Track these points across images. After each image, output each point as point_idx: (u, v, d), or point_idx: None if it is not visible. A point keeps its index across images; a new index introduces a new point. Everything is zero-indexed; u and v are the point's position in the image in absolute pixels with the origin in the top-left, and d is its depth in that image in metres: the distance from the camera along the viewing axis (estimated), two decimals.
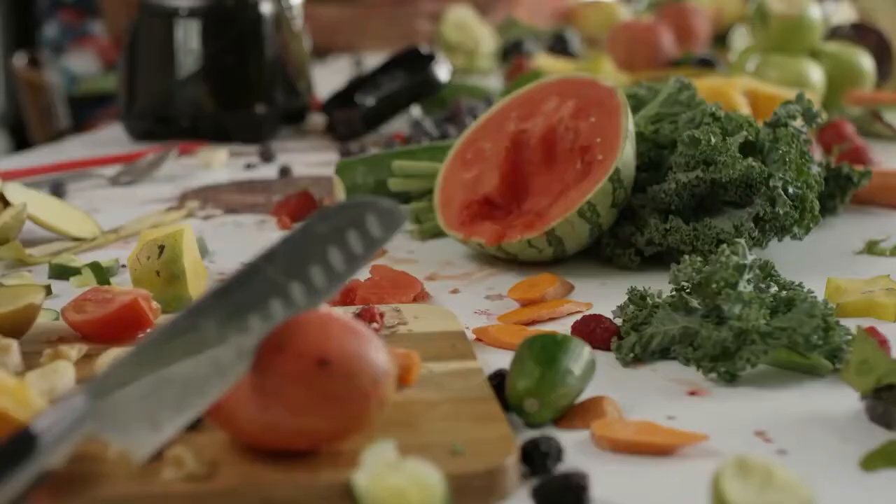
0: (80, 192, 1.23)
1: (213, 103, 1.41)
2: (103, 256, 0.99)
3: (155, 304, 0.78)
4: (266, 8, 1.42)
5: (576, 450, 0.63)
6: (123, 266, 0.97)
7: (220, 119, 1.42)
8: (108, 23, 1.95)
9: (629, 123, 0.95)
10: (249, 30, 1.41)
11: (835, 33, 1.58)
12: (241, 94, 1.42)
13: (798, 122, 1.00)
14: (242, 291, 0.59)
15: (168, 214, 1.12)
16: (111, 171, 1.29)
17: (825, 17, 1.61)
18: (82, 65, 1.98)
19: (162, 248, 0.87)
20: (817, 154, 1.18)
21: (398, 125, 1.46)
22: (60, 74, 1.95)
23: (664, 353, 0.76)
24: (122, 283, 0.92)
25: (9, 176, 1.23)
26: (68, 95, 1.97)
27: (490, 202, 0.97)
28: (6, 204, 1.00)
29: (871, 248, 0.99)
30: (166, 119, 1.43)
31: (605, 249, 0.95)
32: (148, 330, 0.76)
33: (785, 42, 1.44)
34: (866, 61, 1.49)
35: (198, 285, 0.88)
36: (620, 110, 0.95)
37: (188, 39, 1.40)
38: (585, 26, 2.03)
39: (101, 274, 0.93)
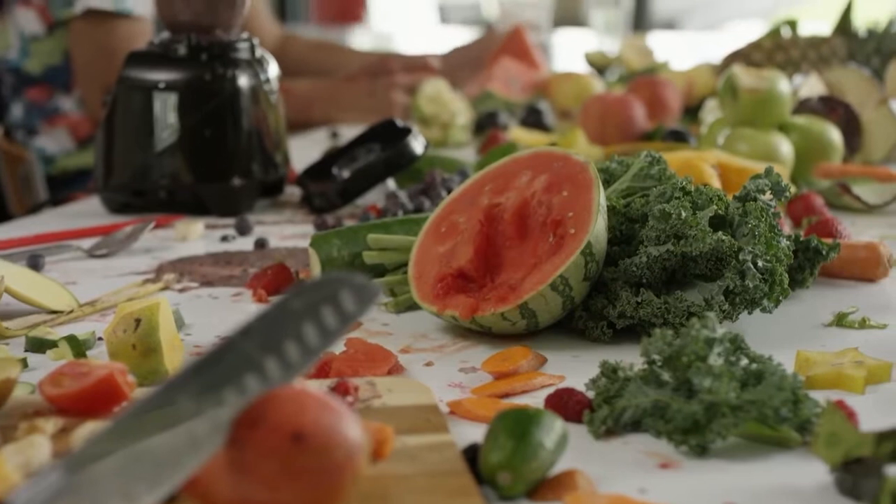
0: (57, 264, 1.24)
1: (190, 176, 1.42)
2: (80, 329, 1.00)
3: (131, 378, 0.78)
4: (243, 81, 1.43)
5: None
6: (100, 339, 0.97)
7: (197, 191, 1.43)
8: (84, 99, 1.95)
9: (601, 198, 0.96)
10: (226, 103, 1.42)
11: (803, 106, 1.60)
12: (218, 166, 1.43)
13: (767, 196, 1.02)
14: (218, 366, 0.60)
15: (145, 287, 1.13)
16: (88, 243, 1.30)
17: (794, 90, 1.64)
18: (55, 143, 1.98)
19: (138, 321, 0.88)
20: (787, 227, 1.20)
21: (374, 197, 1.47)
22: (35, 154, 1.96)
23: (636, 426, 0.77)
24: (99, 356, 0.92)
25: None
26: (45, 174, 1.97)
27: (464, 275, 0.98)
28: None
29: (840, 321, 1.01)
30: (143, 192, 1.44)
31: (577, 322, 0.96)
32: (124, 404, 0.77)
33: (754, 116, 1.46)
34: (835, 134, 1.51)
35: (174, 358, 0.89)
36: (592, 185, 0.97)
37: (166, 112, 1.42)
38: (559, 98, 2.05)
39: (78, 347, 0.93)
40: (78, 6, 1.89)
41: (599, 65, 2.60)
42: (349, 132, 1.89)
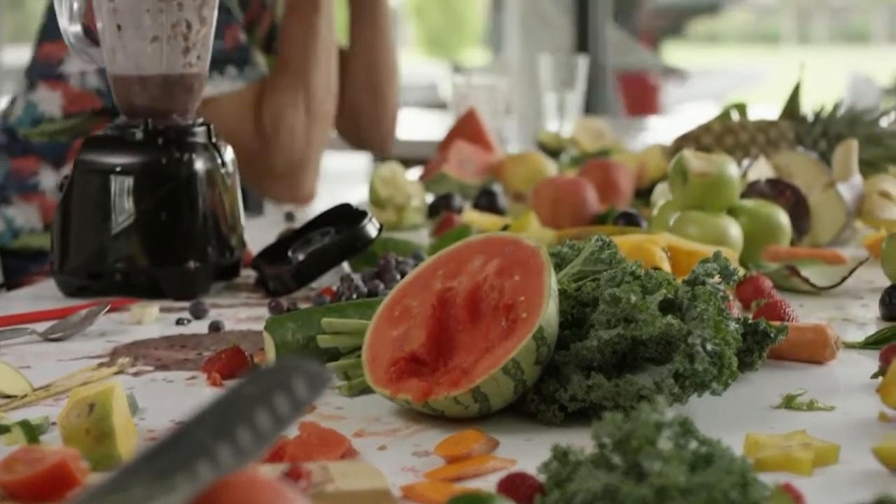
0: (11, 347, 1.24)
1: (146, 259, 1.43)
2: (34, 414, 1.00)
3: (84, 464, 0.79)
4: (199, 165, 1.44)
5: None
6: (54, 424, 0.97)
7: (152, 275, 1.44)
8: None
9: (552, 282, 0.97)
10: (182, 186, 1.43)
11: (752, 189, 1.63)
12: (173, 249, 1.44)
13: (716, 280, 1.04)
14: (171, 452, 0.60)
15: (99, 371, 1.13)
16: (43, 326, 1.30)
17: (742, 173, 1.67)
18: (24, 218, 1.99)
19: (92, 406, 0.88)
20: (736, 309, 1.22)
21: (329, 280, 1.48)
22: (2, 222, 1.95)
23: None
24: (53, 442, 0.92)
25: None
26: (5, 247, 1.97)
27: (417, 359, 0.99)
28: None
29: (788, 403, 1.02)
30: (99, 275, 1.44)
31: (529, 405, 0.98)
32: (77, 490, 0.77)
33: (704, 199, 1.49)
34: (783, 217, 1.54)
35: (127, 443, 0.89)
36: (544, 269, 0.98)
37: (122, 196, 1.42)
38: (512, 181, 2.07)
39: (31, 432, 0.94)
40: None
41: (552, 147, 2.63)
42: (305, 215, 1.90)
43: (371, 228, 1.47)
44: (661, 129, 3.23)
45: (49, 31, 1.68)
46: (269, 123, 1.92)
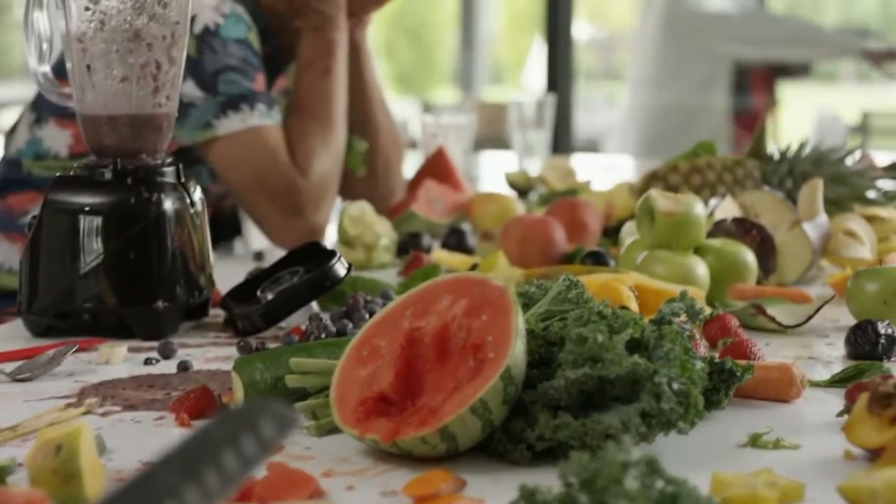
0: None
1: (115, 299, 1.43)
2: (1, 455, 0.99)
3: None
4: (168, 205, 1.45)
5: None
6: (21, 465, 0.97)
7: (121, 314, 1.43)
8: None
9: (520, 322, 0.98)
10: (151, 226, 1.43)
11: (718, 228, 1.64)
12: (142, 289, 1.44)
13: (682, 319, 1.05)
14: (137, 494, 0.60)
15: (66, 411, 1.13)
16: (10, 367, 1.29)
17: (709, 212, 1.68)
18: (3, 256, 1.98)
19: (59, 447, 0.88)
20: (702, 348, 1.23)
21: (297, 319, 1.48)
22: None
23: None
24: (20, 483, 0.92)
25: None
26: None
27: (385, 399, 0.99)
28: None
29: (754, 441, 1.03)
30: (67, 314, 1.44)
31: (497, 445, 0.98)
32: None
33: (671, 238, 1.50)
34: (749, 256, 1.55)
35: (95, 485, 0.89)
36: (511, 309, 0.99)
37: (91, 236, 1.42)
38: (481, 219, 2.08)
39: None
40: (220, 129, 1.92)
41: (521, 186, 2.65)
42: (273, 254, 1.91)
43: (340, 268, 1.47)
44: (631, 168, 3.24)
45: (62, 69, 1.69)
46: (301, 161, 1.95)
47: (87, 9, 1.44)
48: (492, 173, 3.21)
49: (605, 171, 3.09)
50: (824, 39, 4.97)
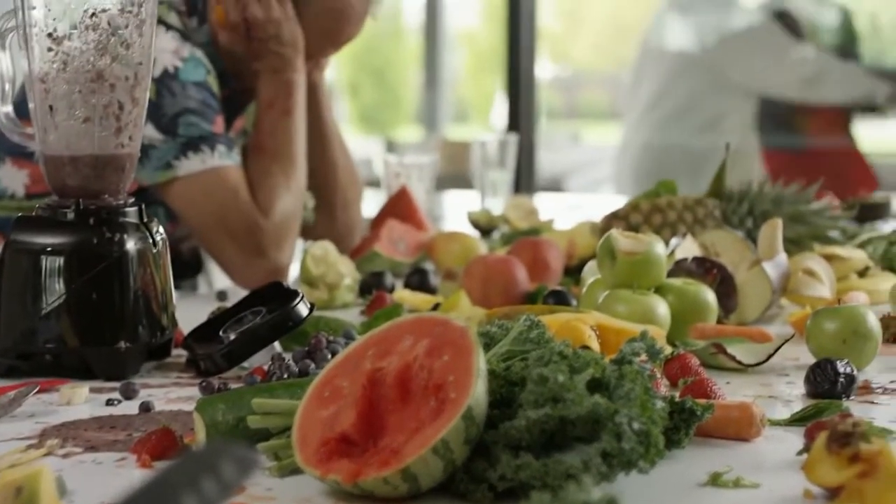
0: None
1: (76, 340, 1.43)
2: None
3: None
4: (130, 245, 1.45)
5: None
6: None
7: (82, 355, 1.43)
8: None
9: (481, 362, 0.99)
10: (113, 267, 1.43)
11: (679, 268, 1.65)
12: (104, 330, 1.43)
13: (643, 359, 1.05)
14: None
15: (27, 453, 1.12)
16: None
17: (670, 251, 1.69)
18: None
19: (19, 489, 0.88)
20: (663, 387, 1.23)
21: (260, 359, 1.48)
22: None
23: None
24: None
25: None
26: None
27: (347, 439, 1.00)
28: None
29: (715, 480, 1.04)
30: (29, 355, 1.44)
31: (458, 485, 0.98)
32: None
33: (632, 278, 1.51)
34: (710, 295, 1.56)
35: None
36: (472, 349, 0.99)
37: (53, 276, 1.42)
38: (444, 259, 2.09)
39: None
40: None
41: (484, 225, 2.66)
42: (236, 294, 1.91)
43: (302, 308, 1.48)
44: (593, 207, 3.26)
45: (24, 108, 1.70)
46: (262, 201, 1.96)
47: (49, 49, 1.45)
48: (455, 212, 3.22)
49: (568, 210, 3.10)
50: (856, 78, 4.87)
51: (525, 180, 5.26)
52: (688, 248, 1.74)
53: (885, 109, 4.92)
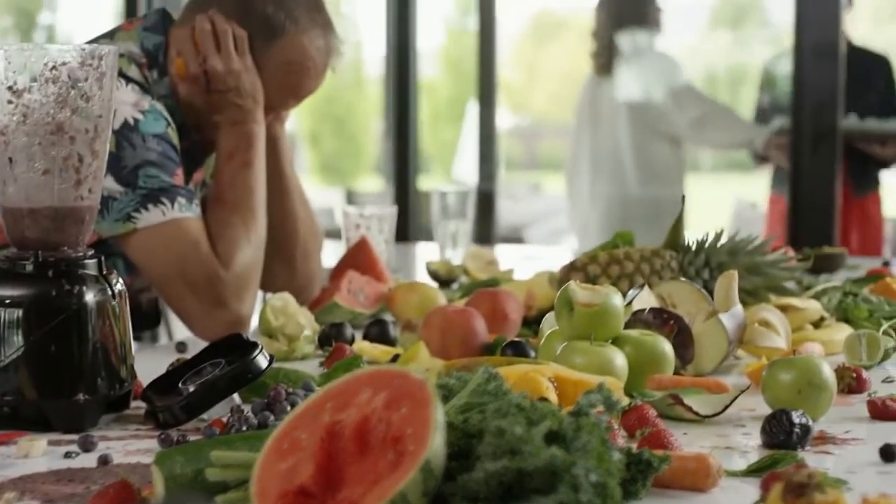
0: None
1: (35, 392, 1.42)
2: None
3: None
4: (90, 297, 1.45)
5: None
6: None
7: (41, 407, 1.43)
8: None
9: (439, 414, 0.99)
10: (72, 319, 1.43)
11: (636, 319, 1.67)
12: (62, 382, 1.43)
13: (599, 411, 1.06)
14: None
15: None
16: None
17: (628, 302, 1.71)
18: None
19: None
20: (620, 439, 1.25)
21: (219, 411, 1.48)
22: None
23: None
24: None
25: None
26: None
27: (305, 492, 1.00)
28: None
29: None
30: None
31: None
32: None
33: (589, 329, 1.52)
34: (667, 346, 1.58)
35: None
36: (430, 402, 1.00)
37: (11, 328, 1.42)
38: (403, 310, 2.09)
39: None
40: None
41: (443, 276, 2.67)
42: (196, 345, 1.91)
43: (262, 360, 1.48)
44: (552, 257, 3.28)
45: None
46: (223, 252, 1.96)
47: (9, 102, 1.45)
48: (414, 263, 3.23)
49: (527, 261, 3.12)
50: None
51: (485, 231, 5.28)
52: (645, 299, 1.76)
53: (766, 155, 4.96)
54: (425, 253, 3.16)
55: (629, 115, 4.84)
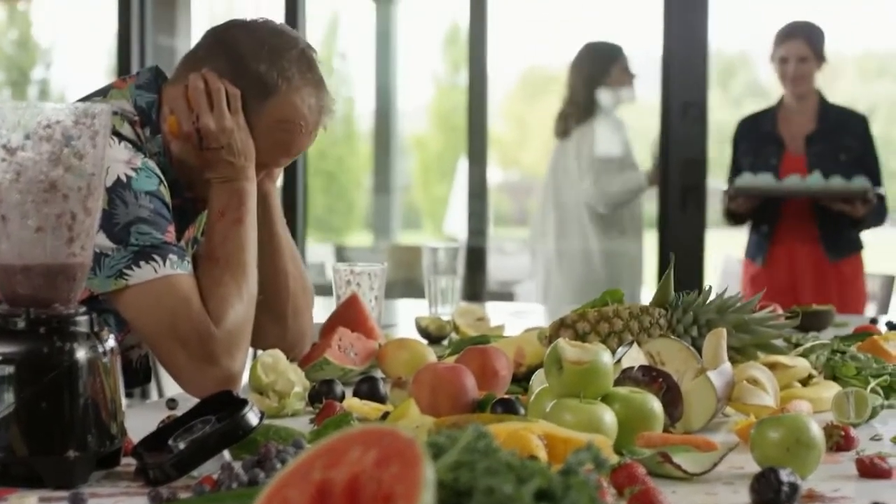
0: None
1: (25, 449, 1.43)
2: None
3: None
4: (81, 354, 1.45)
5: None
6: None
7: (31, 464, 1.43)
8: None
9: (429, 473, 1.00)
10: (64, 376, 1.44)
11: (625, 376, 1.67)
12: (53, 439, 1.43)
13: (589, 469, 1.07)
14: None
15: None
16: None
17: (617, 360, 1.72)
18: None
19: None
20: (609, 497, 1.25)
21: (209, 468, 1.48)
22: None
23: None
24: None
25: None
26: None
27: None
28: None
29: None
30: None
31: None
32: None
33: (578, 387, 1.53)
34: (656, 404, 1.59)
35: None
36: (420, 460, 1.00)
37: (2, 385, 1.43)
38: (393, 367, 2.10)
39: None
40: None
41: (433, 332, 2.68)
42: (187, 402, 1.91)
43: (252, 417, 1.48)
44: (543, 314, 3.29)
45: None
46: (214, 309, 1.97)
47: (3, 160, 1.46)
48: (404, 320, 3.24)
49: (517, 318, 3.13)
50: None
51: (475, 286, 5.29)
52: (634, 356, 1.77)
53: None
54: (415, 309, 3.16)
55: (582, 175, 4.96)
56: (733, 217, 4.67)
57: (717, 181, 5.02)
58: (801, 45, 4.68)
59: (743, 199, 4.56)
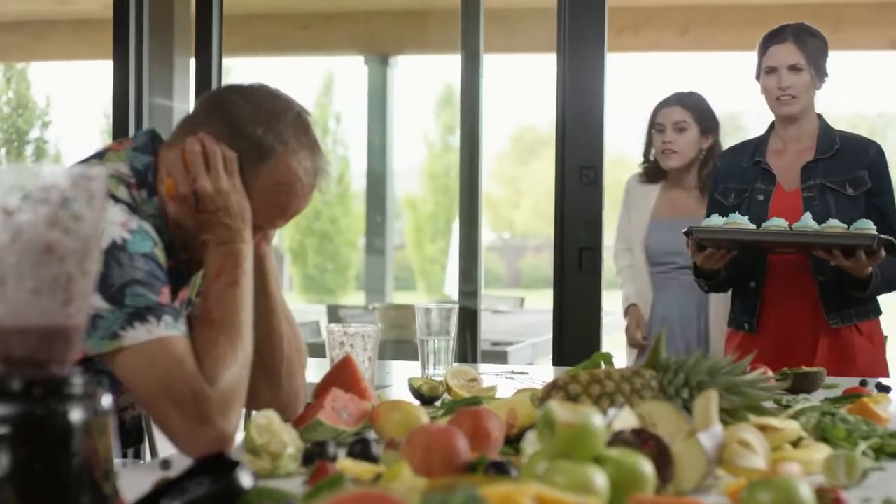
0: None
1: None
2: None
3: None
4: (76, 416, 1.46)
5: None
6: None
7: None
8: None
9: None
10: (58, 438, 1.44)
11: (617, 438, 1.68)
12: (46, 501, 1.44)
13: None
14: None
15: None
16: None
17: (608, 422, 1.72)
18: None
19: None
20: None
21: None
22: None
23: None
24: None
25: None
26: None
27: None
28: None
29: None
30: None
31: None
32: None
33: (571, 449, 1.54)
34: (647, 466, 1.59)
35: None
36: None
37: None
38: (386, 428, 2.11)
39: None
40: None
41: (426, 393, 2.68)
42: (181, 462, 1.91)
43: (245, 478, 1.49)
44: (536, 379, 3.29)
45: None
46: (209, 370, 1.98)
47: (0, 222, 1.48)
48: (398, 380, 3.25)
49: (509, 379, 3.14)
50: None
51: (468, 347, 5.30)
52: (625, 418, 1.78)
53: None
54: (408, 370, 3.17)
55: None
56: (704, 276, 3.73)
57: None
58: (792, 50, 3.75)
59: (710, 251, 3.55)
